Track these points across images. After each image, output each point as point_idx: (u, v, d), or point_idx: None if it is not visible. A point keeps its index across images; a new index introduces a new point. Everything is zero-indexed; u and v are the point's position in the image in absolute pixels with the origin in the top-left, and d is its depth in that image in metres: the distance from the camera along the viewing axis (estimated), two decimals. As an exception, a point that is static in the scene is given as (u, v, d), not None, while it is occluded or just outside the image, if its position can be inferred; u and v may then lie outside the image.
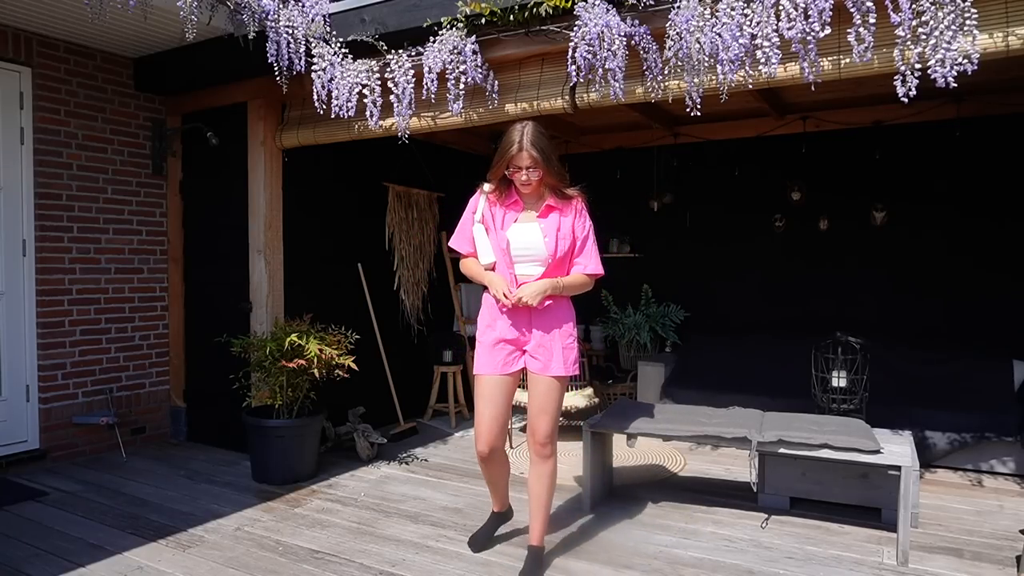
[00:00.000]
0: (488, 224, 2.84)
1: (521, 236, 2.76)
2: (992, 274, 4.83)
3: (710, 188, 5.81)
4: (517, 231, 2.77)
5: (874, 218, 5.13)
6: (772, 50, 2.75)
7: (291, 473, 3.95)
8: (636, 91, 3.25)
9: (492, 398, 2.81)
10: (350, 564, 2.90)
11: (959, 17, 2.47)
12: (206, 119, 4.57)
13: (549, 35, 3.28)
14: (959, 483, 3.98)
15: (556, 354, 2.76)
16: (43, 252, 4.20)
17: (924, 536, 3.19)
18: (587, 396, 4.88)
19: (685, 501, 3.65)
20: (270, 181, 4.39)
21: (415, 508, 3.57)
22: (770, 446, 3.20)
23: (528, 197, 2.80)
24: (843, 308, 5.26)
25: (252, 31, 3.55)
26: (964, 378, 4.41)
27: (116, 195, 4.56)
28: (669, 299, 5.81)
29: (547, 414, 2.77)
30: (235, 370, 4.18)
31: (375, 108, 3.65)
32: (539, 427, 2.78)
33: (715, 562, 2.93)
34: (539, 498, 2.82)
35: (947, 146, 4.90)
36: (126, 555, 2.97)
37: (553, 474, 2.83)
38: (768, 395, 4.47)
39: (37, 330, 4.21)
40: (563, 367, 2.77)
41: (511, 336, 2.79)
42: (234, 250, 4.49)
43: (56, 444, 4.25)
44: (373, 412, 4.75)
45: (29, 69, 4.12)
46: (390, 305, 5.34)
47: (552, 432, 2.79)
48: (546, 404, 2.77)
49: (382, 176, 5.29)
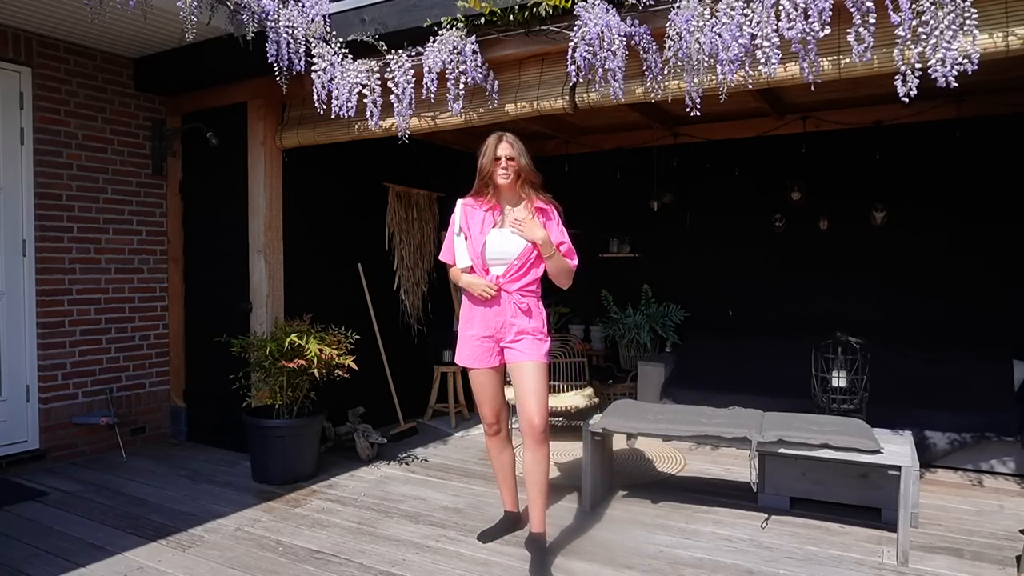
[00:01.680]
0: (466, 231, 3.02)
1: (496, 241, 2.94)
2: (992, 274, 4.83)
3: (710, 188, 5.81)
4: (495, 236, 2.95)
5: (874, 218, 5.13)
6: (772, 50, 2.75)
7: (291, 473, 3.95)
8: (636, 91, 3.25)
9: (485, 384, 3.03)
10: (350, 564, 2.90)
11: (959, 17, 2.47)
12: (206, 119, 4.57)
13: (549, 35, 3.28)
14: (959, 483, 3.98)
15: (532, 343, 2.92)
16: (43, 252, 4.20)
17: (924, 536, 3.19)
18: (587, 396, 4.88)
19: (685, 501, 3.65)
20: (270, 181, 4.39)
21: (415, 508, 3.57)
22: (770, 446, 3.20)
23: (506, 195, 2.98)
24: (843, 308, 5.26)
25: (252, 31, 3.55)
26: (964, 378, 4.41)
27: (116, 195, 4.56)
28: (669, 299, 5.81)
29: (535, 394, 2.87)
30: (235, 370, 4.18)
31: (375, 108, 3.65)
32: (530, 408, 2.86)
33: (715, 562, 2.93)
34: (538, 484, 2.89)
35: (947, 146, 4.90)
36: (126, 555, 2.97)
37: (547, 458, 2.91)
38: (768, 395, 4.47)
39: (37, 330, 4.21)
40: (534, 354, 2.91)
41: (487, 332, 2.96)
42: (234, 250, 4.49)
43: (56, 444, 4.24)
44: (373, 412, 4.75)
45: (29, 69, 4.12)
46: (390, 305, 5.34)
47: (544, 412, 2.89)
48: (533, 385, 2.88)
49: (382, 176, 5.28)
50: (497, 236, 2.95)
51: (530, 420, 2.85)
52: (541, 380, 2.90)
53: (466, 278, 2.99)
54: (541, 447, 2.88)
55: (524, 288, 2.94)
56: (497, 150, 2.91)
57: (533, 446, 2.87)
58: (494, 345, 2.98)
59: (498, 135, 2.96)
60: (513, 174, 2.92)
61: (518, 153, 2.92)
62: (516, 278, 2.93)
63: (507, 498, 3.23)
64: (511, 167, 2.91)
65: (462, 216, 3.03)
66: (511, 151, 2.91)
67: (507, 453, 3.17)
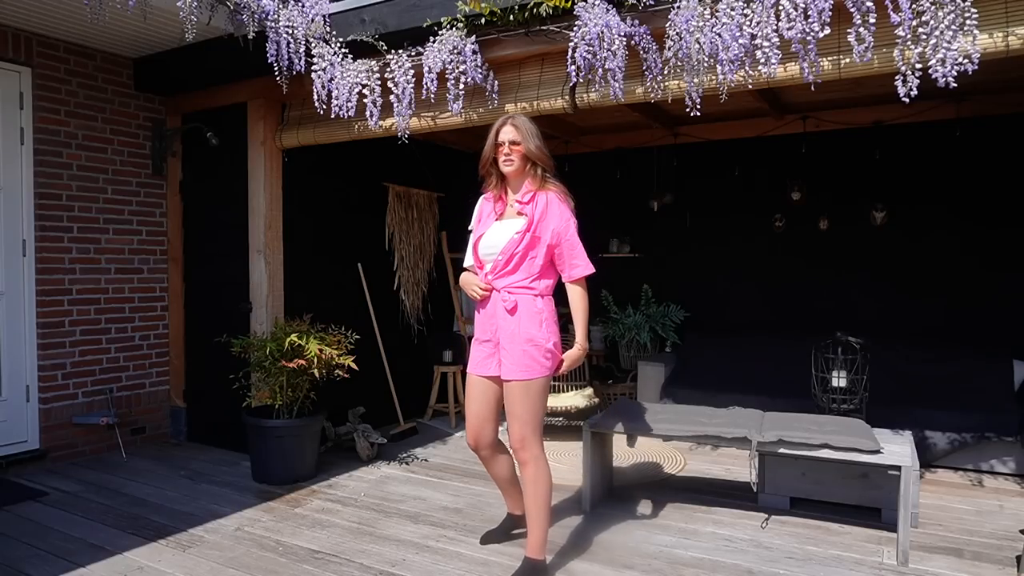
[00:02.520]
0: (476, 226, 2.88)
1: (492, 236, 2.76)
2: (992, 274, 4.83)
3: (710, 188, 5.81)
4: (494, 230, 2.77)
5: (874, 218, 5.13)
6: (772, 50, 2.75)
7: (291, 473, 3.95)
8: (636, 91, 3.25)
9: (474, 396, 2.84)
10: (350, 564, 2.90)
11: (959, 17, 2.47)
12: (206, 119, 4.57)
13: (549, 35, 3.28)
14: (959, 483, 3.98)
15: (515, 358, 2.66)
16: (43, 252, 4.20)
17: (924, 536, 3.19)
18: (587, 396, 4.88)
19: (685, 501, 3.65)
20: (270, 181, 4.39)
21: (415, 508, 3.57)
22: (770, 446, 3.20)
23: (514, 183, 2.78)
24: (843, 308, 5.25)
25: (252, 31, 3.55)
26: (964, 378, 4.41)
27: (116, 195, 4.56)
28: (669, 299, 5.81)
29: (513, 417, 2.68)
30: (235, 370, 4.18)
31: (375, 108, 3.65)
32: (510, 430, 2.71)
33: (715, 562, 2.93)
34: (527, 508, 2.74)
35: (947, 146, 4.89)
36: (126, 555, 2.97)
37: (536, 481, 2.69)
38: (768, 395, 4.47)
39: (37, 330, 4.21)
40: (519, 371, 2.65)
41: (485, 336, 2.79)
42: (234, 250, 4.49)
43: (56, 444, 4.24)
44: (373, 412, 4.75)
45: (29, 69, 4.12)
46: (390, 305, 5.34)
47: (522, 437, 2.67)
48: (511, 407, 2.69)
49: (382, 176, 5.29)
50: (494, 229, 2.76)
51: (510, 441, 2.73)
52: (520, 403, 2.65)
53: (463, 277, 2.85)
54: (525, 469, 2.70)
55: (513, 285, 2.69)
56: (500, 134, 2.71)
57: (519, 467, 2.74)
58: (493, 350, 2.76)
59: (505, 118, 2.75)
60: (518, 160, 2.70)
61: (524, 137, 2.68)
62: (503, 274, 2.70)
63: (509, 501, 3.12)
64: (515, 152, 2.68)
65: (477, 211, 2.89)
66: (515, 135, 2.68)
67: (499, 466, 2.95)
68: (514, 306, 2.68)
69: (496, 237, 2.74)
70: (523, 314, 2.68)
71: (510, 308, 2.68)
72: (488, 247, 2.76)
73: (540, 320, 2.70)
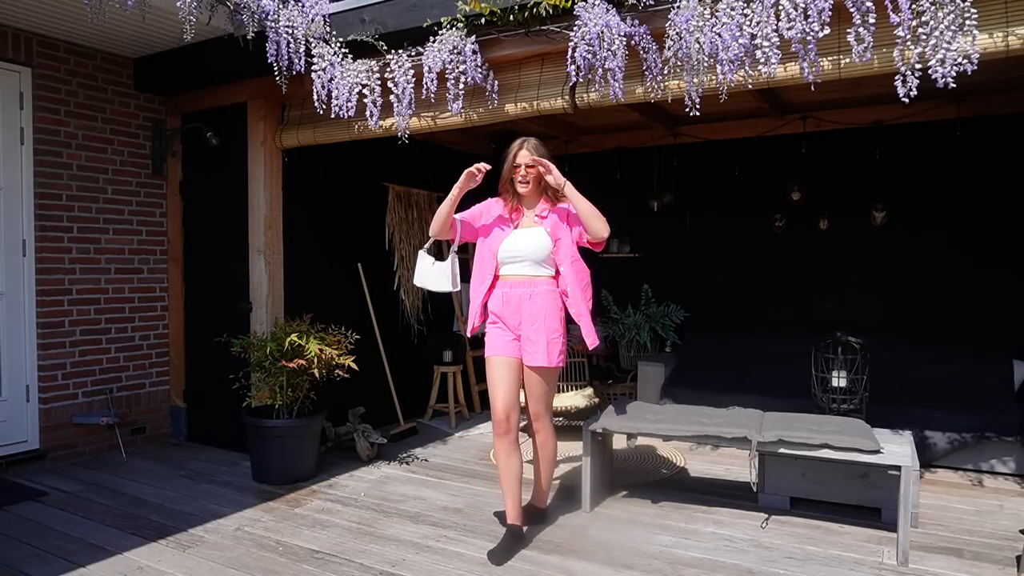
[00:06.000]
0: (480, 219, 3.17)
1: (515, 240, 3.08)
2: (992, 274, 4.83)
3: (710, 188, 5.81)
4: (516, 236, 3.09)
5: (874, 218, 5.13)
6: (772, 50, 2.75)
7: (291, 473, 3.95)
8: (636, 91, 3.25)
9: (502, 375, 3.07)
10: (350, 564, 2.90)
11: (959, 17, 2.47)
12: (206, 119, 4.57)
13: (549, 35, 3.28)
14: (959, 483, 3.98)
15: (541, 346, 3.01)
16: (43, 252, 4.20)
17: (924, 536, 3.19)
18: (587, 396, 4.88)
19: (685, 501, 3.65)
20: (270, 181, 4.39)
21: (415, 508, 3.57)
22: (770, 446, 3.20)
23: (528, 200, 3.13)
24: (843, 308, 5.25)
25: (252, 31, 3.55)
26: (964, 378, 4.41)
27: (116, 195, 4.56)
28: (669, 299, 5.81)
29: (532, 396, 3.11)
30: (235, 370, 4.18)
31: (375, 108, 3.65)
32: (531, 408, 3.14)
33: (715, 562, 2.93)
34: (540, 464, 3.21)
35: (947, 146, 4.89)
36: (126, 555, 2.97)
37: (545, 444, 3.18)
38: (768, 395, 4.46)
39: (37, 330, 4.21)
40: (546, 358, 3.01)
41: (509, 322, 3.07)
42: (234, 250, 4.49)
43: (56, 444, 4.24)
44: (373, 412, 4.75)
45: (29, 69, 4.12)
46: (390, 305, 5.34)
47: (537, 413, 3.13)
48: (532, 387, 3.09)
49: (382, 176, 5.29)
50: (516, 235, 3.09)
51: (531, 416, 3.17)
52: (543, 385, 3.09)
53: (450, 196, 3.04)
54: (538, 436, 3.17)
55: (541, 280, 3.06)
56: (517, 157, 3.06)
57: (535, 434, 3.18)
58: (513, 337, 3.08)
59: (520, 141, 3.08)
60: (532, 180, 3.06)
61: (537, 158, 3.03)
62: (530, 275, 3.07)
63: (511, 509, 3.05)
64: (531, 174, 3.05)
65: (486, 208, 3.19)
66: (530, 159, 3.03)
67: (515, 459, 3.04)
68: (542, 300, 3.04)
69: (519, 242, 3.07)
70: (548, 308, 3.04)
71: (540, 302, 3.04)
72: (511, 251, 3.07)
73: (560, 316, 3.10)
